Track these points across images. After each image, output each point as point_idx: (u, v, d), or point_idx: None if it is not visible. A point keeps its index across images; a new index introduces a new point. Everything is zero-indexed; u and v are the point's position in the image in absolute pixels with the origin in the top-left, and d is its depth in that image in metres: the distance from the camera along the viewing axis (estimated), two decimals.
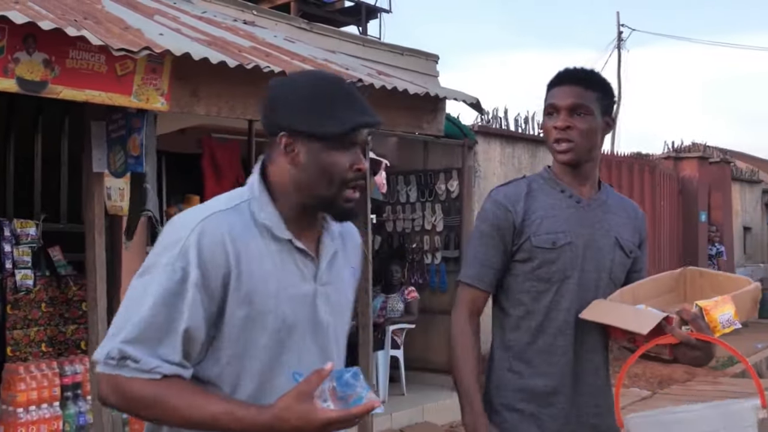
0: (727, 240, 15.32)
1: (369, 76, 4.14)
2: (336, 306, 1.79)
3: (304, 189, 1.69)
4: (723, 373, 10.47)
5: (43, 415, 4.55)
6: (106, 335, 1.61)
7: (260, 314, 1.64)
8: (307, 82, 1.72)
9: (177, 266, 1.58)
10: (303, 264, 1.70)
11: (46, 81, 2.89)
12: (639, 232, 2.48)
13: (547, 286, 2.31)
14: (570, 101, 2.29)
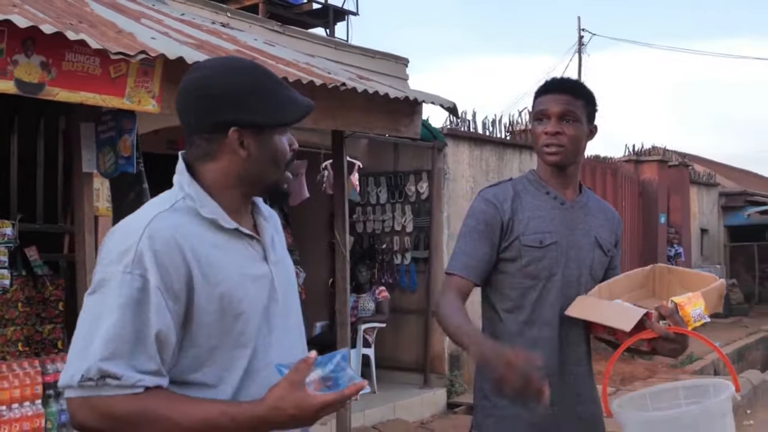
0: (685, 241, 15.65)
1: (350, 80, 4.25)
2: (290, 283, 1.83)
3: (254, 177, 1.71)
4: (682, 371, 10.75)
5: (26, 413, 4.57)
6: (69, 359, 1.55)
7: (232, 303, 1.63)
8: (239, 73, 1.69)
9: (135, 274, 1.54)
10: (253, 248, 1.72)
11: (44, 83, 2.95)
12: (615, 232, 2.65)
13: (534, 282, 2.46)
14: (560, 108, 2.45)
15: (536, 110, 2.51)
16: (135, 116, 3.56)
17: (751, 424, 7.88)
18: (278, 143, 1.71)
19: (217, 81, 1.66)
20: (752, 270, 20.50)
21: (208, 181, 1.69)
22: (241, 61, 1.80)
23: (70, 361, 1.56)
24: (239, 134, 1.66)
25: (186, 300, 1.59)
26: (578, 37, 27.15)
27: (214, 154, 1.68)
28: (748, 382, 9.09)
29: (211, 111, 1.65)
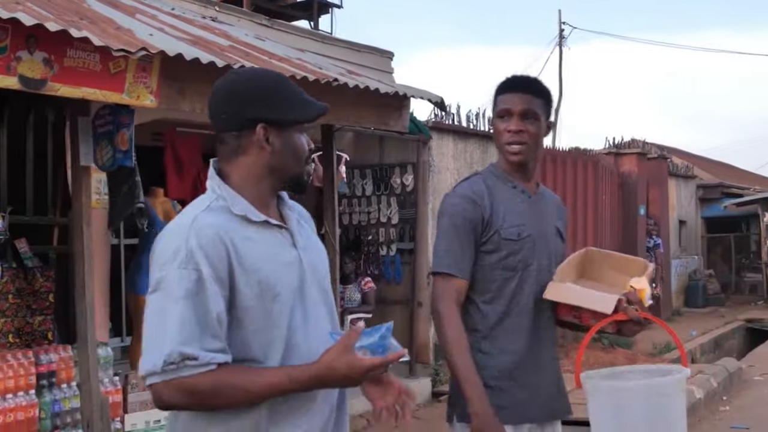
0: (663, 233, 15.83)
1: (341, 75, 4.34)
2: (319, 265, 2.02)
3: (278, 170, 1.91)
4: (661, 359, 10.93)
5: (20, 403, 4.62)
6: (147, 350, 1.76)
7: (268, 287, 1.84)
8: (265, 79, 1.92)
9: (189, 269, 1.76)
10: (281, 235, 1.93)
11: (46, 79, 3.02)
12: (564, 222, 2.82)
13: (512, 273, 2.57)
14: (522, 107, 2.58)
15: (499, 108, 2.63)
16: (133, 111, 3.63)
17: (726, 410, 8.06)
18: (298, 140, 1.92)
19: (247, 84, 1.89)
20: (729, 261, 20.81)
21: (236, 179, 1.89)
22: (266, 69, 2.05)
23: (149, 352, 1.77)
24: (265, 131, 1.86)
25: (229, 287, 1.80)
26: (559, 30, 27.33)
27: (243, 150, 1.88)
28: (724, 369, 9.28)
29: (240, 110, 1.86)
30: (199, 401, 1.78)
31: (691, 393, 7.93)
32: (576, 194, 12.32)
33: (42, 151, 6.05)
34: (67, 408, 4.89)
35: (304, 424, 1.89)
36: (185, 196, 7.36)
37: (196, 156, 7.61)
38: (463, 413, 2.51)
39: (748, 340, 14.89)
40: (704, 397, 8.07)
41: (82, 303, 3.76)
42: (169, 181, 7.21)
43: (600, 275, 2.74)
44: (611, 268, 2.75)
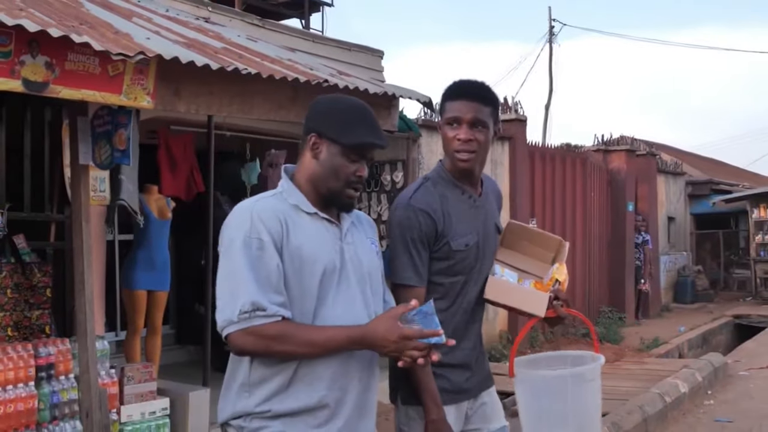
0: (652, 229, 16.01)
1: (332, 77, 4.48)
2: (363, 259, 2.33)
3: (319, 179, 2.26)
4: (648, 354, 11.12)
5: (20, 394, 4.75)
6: (222, 306, 2.12)
7: (307, 263, 2.18)
8: (345, 104, 2.31)
9: (253, 237, 2.14)
10: (330, 228, 2.28)
11: (48, 82, 3.15)
12: (500, 206, 3.05)
13: (459, 278, 2.78)
14: (471, 116, 2.70)
15: (448, 115, 2.75)
16: (131, 112, 3.77)
17: (711, 404, 8.23)
18: (343, 160, 2.25)
19: (323, 103, 2.32)
20: (717, 257, 21.00)
21: (297, 176, 2.31)
22: (357, 101, 2.36)
23: (224, 306, 2.14)
24: (315, 140, 2.26)
25: (279, 255, 2.16)
26: (549, 27, 27.51)
27: (302, 152, 2.31)
28: (709, 364, 9.46)
29: (310, 120, 2.30)
30: (267, 346, 2.12)
31: (676, 387, 8.10)
32: (565, 191, 12.49)
33: (39, 149, 6.17)
34: (65, 399, 5.03)
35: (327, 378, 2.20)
36: (179, 193, 7.50)
37: (189, 154, 7.73)
38: (406, 396, 2.73)
39: (736, 336, 15.06)
40: (689, 391, 8.23)
41: (82, 297, 3.89)
42: (163, 178, 7.32)
43: (519, 246, 2.97)
44: (529, 241, 2.98)
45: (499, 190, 3.07)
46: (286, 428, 2.19)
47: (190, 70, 3.61)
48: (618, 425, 6.35)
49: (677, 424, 7.33)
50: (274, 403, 2.18)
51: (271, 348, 2.13)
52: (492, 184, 3.03)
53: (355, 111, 2.28)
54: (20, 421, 4.76)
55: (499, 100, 2.86)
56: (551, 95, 26.82)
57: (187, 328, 8.80)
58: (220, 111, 3.98)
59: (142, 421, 5.49)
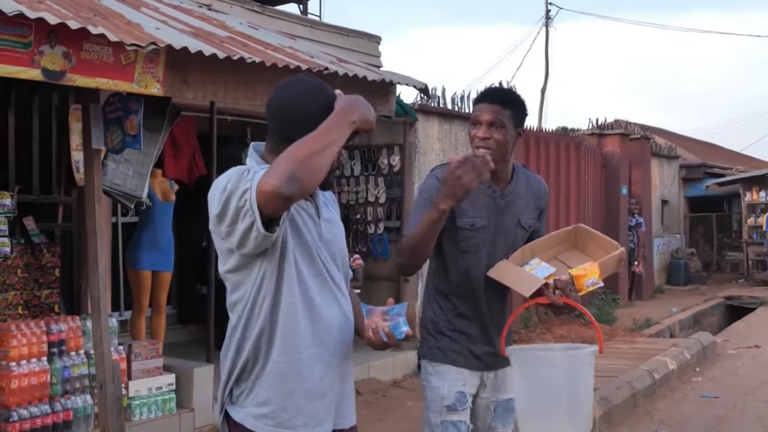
0: (646, 212, 16.16)
1: (332, 64, 4.67)
2: (336, 237, 2.40)
3: None
4: (640, 334, 11.33)
5: (33, 369, 4.95)
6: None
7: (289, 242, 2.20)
8: (308, 100, 2.24)
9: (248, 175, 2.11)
10: (307, 206, 2.30)
11: (65, 71, 3.34)
12: (539, 205, 3.28)
13: (464, 255, 3.09)
14: (489, 117, 3.02)
15: (472, 117, 3.08)
16: (141, 99, 3.96)
17: (698, 381, 8.47)
18: None
19: (293, 108, 2.24)
20: (711, 240, 21.21)
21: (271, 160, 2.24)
22: (316, 90, 2.29)
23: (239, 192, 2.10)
24: None
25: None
26: (545, 10, 27.59)
27: (281, 152, 2.17)
28: (698, 342, 9.69)
29: (284, 128, 2.24)
30: (286, 167, 2.03)
31: (665, 364, 8.33)
32: (559, 175, 12.65)
33: (46, 133, 6.35)
34: (76, 374, 5.24)
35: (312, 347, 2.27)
36: (181, 176, 7.70)
37: (192, 138, 7.93)
38: (423, 351, 3.15)
39: (728, 317, 15.26)
40: (677, 369, 8.47)
41: (95, 274, 4.09)
42: (167, 161, 7.52)
43: (586, 249, 3.18)
44: (594, 244, 3.17)
45: (539, 190, 3.27)
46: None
47: (197, 58, 3.80)
48: (607, 400, 6.58)
49: (665, 399, 7.56)
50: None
51: (289, 162, 2.06)
52: (534, 183, 3.26)
53: (322, 104, 2.22)
54: (34, 394, 4.97)
55: (523, 105, 3.14)
56: (547, 79, 26.94)
57: (189, 308, 9.02)
58: (225, 98, 4.17)
59: (149, 396, 5.71)
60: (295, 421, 2.24)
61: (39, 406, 5.01)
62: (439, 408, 3.08)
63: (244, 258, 2.18)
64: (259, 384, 2.25)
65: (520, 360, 2.82)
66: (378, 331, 2.31)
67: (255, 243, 2.10)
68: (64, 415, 5.14)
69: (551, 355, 2.90)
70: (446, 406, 3.07)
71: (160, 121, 4.34)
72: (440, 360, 3.11)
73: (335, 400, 2.35)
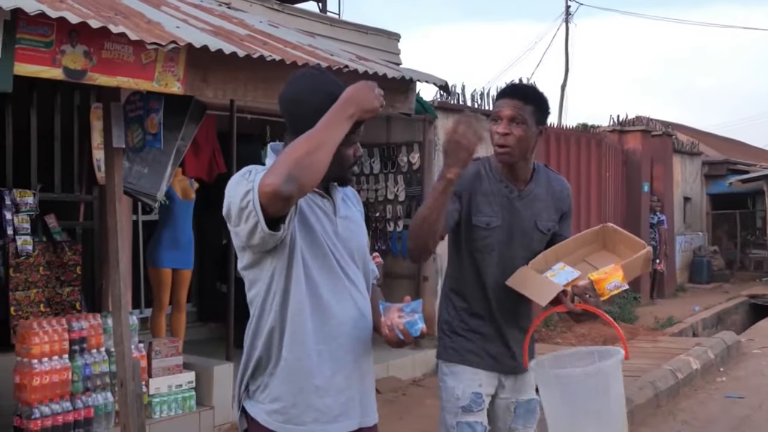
0: (667, 209, 16.02)
1: (351, 62, 4.65)
2: (355, 234, 2.37)
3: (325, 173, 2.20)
4: (662, 333, 11.24)
5: (54, 366, 4.98)
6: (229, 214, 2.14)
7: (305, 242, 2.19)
8: (321, 94, 2.21)
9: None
10: (323, 204, 2.30)
11: (86, 70, 3.35)
12: (560, 207, 3.17)
13: (478, 254, 3.03)
14: (510, 112, 2.94)
15: (493, 112, 3.00)
16: (162, 97, 3.96)
17: (723, 380, 8.38)
18: (344, 153, 2.25)
19: (303, 100, 2.23)
20: (734, 237, 20.97)
21: None
22: (325, 83, 2.27)
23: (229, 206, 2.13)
24: None
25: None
26: (565, 6, 27.45)
27: None
28: (722, 342, 9.58)
29: (295, 122, 2.23)
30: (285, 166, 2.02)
31: (688, 364, 8.25)
32: (580, 172, 12.56)
33: (68, 132, 6.39)
34: (97, 372, 5.27)
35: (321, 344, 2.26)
36: (202, 174, 7.71)
37: (212, 136, 7.94)
38: (440, 352, 3.11)
39: (751, 316, 15.10)
40: (701, 368, 8.37)
41: (116, 273, 4.11)
42: (187, 160, 7.52)
43: (616, 249, 3.08)
44: (623, 244, 3.07)
45: (561, 192, 3.17)
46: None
47: (217, 57, 3.80)
48: (630, 400, 6.50)
49: (688, 399, 7.48)
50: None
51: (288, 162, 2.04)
52: (556, 184, 3.17)
53: (327, 96, 2.19)
54: (55, 391, 4.99)
55: (545, 102, 3.06)
56: (567, 75, 26.83)
57: (209, 306, 9.03)
58: (245, 96, 4.17)
59: (170, 393, 5.72)
60: (305, 417, 2.25)
61: (60, 404, 5.03)
62: (455, 409, 3.04)
63: (256, 255, 2.20)
64: (272, 380, 2.26)
65: (544, 381, 2.76)
66: (393, 329, 2.28)
67: (261, 241, 2.11)
68: (85, 412, 5.16)
69: (575, 374, 2.75)
70: (461, 407, 3.03)
71: (180, 120, 4.34)
72: (455, 360, 3.07)
73: (357, 397, 2.34)
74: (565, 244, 3.06)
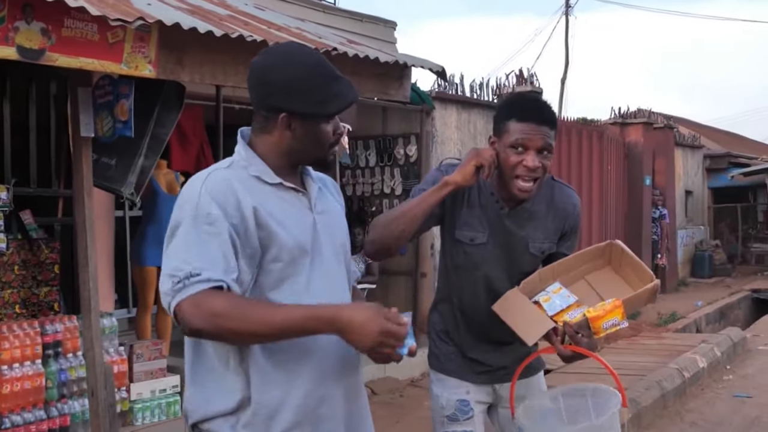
0: (669, 203, 15.83)
1: (341, 45, 4.33)
2: (335, 229, 2.11)
3: (299, 154, 2.01)
4: (665, 329, 11.00)
5: (27, 372, 4.68)
6: (160, 286, 1.83)
7: (275, 240, 1.91)
8: (301, 67, 1.94)
9: (200, 214, 1.85)
10: (297, 199, 2.02)
11: (44, 49, 3.03)
12: (561, 227, 2.78)
13: (460, 270, 2.73)
14: (542, 143, 2.53)
15: (513, 138, 2.54)
16: (132, 81, 3.64)
17: (730, 379, 8.11)
18: (322, 129, 1.99)
19: (276, 71, 1.95)
20: (735, 231, 20.76)
21: (261, 149, 2.00)
22: (302, 53, 2.01)
23: (164, 287, 1.83)
24: (288, 119, 1.96)
25: (244, 236, 1.88)
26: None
27: (269, 130, 1.99)
28: (728, 339, 9.33)
29: (267, 96, 1.96)
30: (215, 324, 1.79)
31: (695, 362, 7.98)
32: (581, 165, 12.30)
33: (45, 123, 6.08)
34: (74, 377, 4.96)
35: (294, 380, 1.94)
36: (189, 168, 7.39)
37: (199, 127, 7.63)
38: (430, 360, 2.85)
39: (754, 310, 14.94)
40: (708, 367, 8.12)
41: (86, 272, 3.80)
42: (173, 152, 7.23)
43: (621, 270, 2.73)
44: (630, 268, 2.70)
45: (565, 209, 2.77)
46: None
47: (193, 37, 3.49)
48: (636, 401, 6.24)
49: (696, 399, 7.22)
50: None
51: (220, 325, 1.79)
52: (561, 200, 2.77)
53: (317, 72, 1.96)
54: (28, 399, 4.71)
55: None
56: (567, 69, 26.44)
57: None
58: (225, 80, 3.86)
59: (153, 399, 5.43)
60: None
61: (33, 412, 4.76)
62: (440, 418, 2.81)
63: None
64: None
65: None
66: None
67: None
68: (60, 420, 4.88)
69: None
70: (446, 416, 2.79)
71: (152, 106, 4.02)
72: (438, 368, 2.83)
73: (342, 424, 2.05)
74: (567, 261, 2.70)
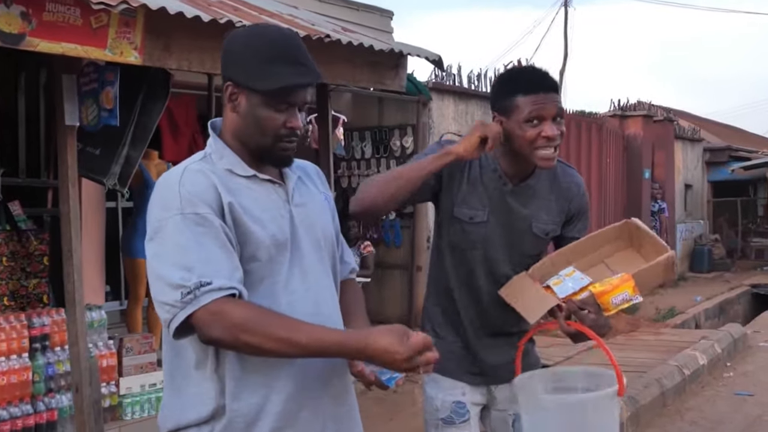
0: (669, 197, 15.74)
1: (335, 32, 4.22)
2: (316, 221, 1.97)
3: (244, 135, 1.85)
4: (664, 325, 10.92)
5: (13, 366, 4.59)
6: (160, 296, 1.70)
7: (254, 239, 1.79)
8: (262, 39, 1.83)
9: (188, 212, 1.73)
10: (274, 191, 1.89)
11: (24, 34, 2.93)
12: (566, 208, 2.64)
13: (457, 250, 2.58)
14: (555, 110, 2.42)
15: (527, 113, 2.42)
16: (118, 68, 3.53)
17: (730, 376, 8.02)
18: (267, 111, 1.82)
19: (235, 41, 1.84)
20: (735, 225, 20.66)
21: (225, 133, 1.89)
22: (271, 30, 1.90)
23: (162, 299, 1.71)
24: (232, 89, 1.83)
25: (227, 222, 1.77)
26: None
27: (225, 105, 1.87)
28: (728, 335, 9.23)
29: (223, 65, 1.86)
30: (233, 335, 1.68)
31: (695, 359, 7.89)
32: (580, 157, 12.21)
33: (34, 112, 5.98)
34: (61, 371, 4.87)
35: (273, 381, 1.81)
36: (181, 158, 7.24)
37: (192, 117, 7.53)
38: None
39: (754, 306, 14.85)
40: (708, 363, 8.03)
41: (70, 265, 3.70)
42: (165, 142, 7.12)
43: (642, 249, 2.57)
44: (650, 244, 2.54)
45: (569, 189, 2.65)
46: None
47: (180, 23, 3.39)
48: (635, 400, 6.15)
49: (696, 397, 7.12)
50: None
51: (239, 338, 1.67)
52: (565, 180, 2.65)
53: (274, 47, 1.81)
54: (14, 393, 4.62)
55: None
56: (566, 61, 26.26)
57: None
58: (214, 68, 3.74)
59: (142, 393, 5.34)
60: None
61: (20, 407, 4.67)
62: (435, 421, 2.66)
63: None
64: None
65: (527, 406, 2.31)
66: (364, 373, 1.85)
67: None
68: (48, 415, 4.79)
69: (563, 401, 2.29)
70: (441, 419, 2.64)
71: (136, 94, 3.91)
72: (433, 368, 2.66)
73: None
74: (581, 244, 2.56)
